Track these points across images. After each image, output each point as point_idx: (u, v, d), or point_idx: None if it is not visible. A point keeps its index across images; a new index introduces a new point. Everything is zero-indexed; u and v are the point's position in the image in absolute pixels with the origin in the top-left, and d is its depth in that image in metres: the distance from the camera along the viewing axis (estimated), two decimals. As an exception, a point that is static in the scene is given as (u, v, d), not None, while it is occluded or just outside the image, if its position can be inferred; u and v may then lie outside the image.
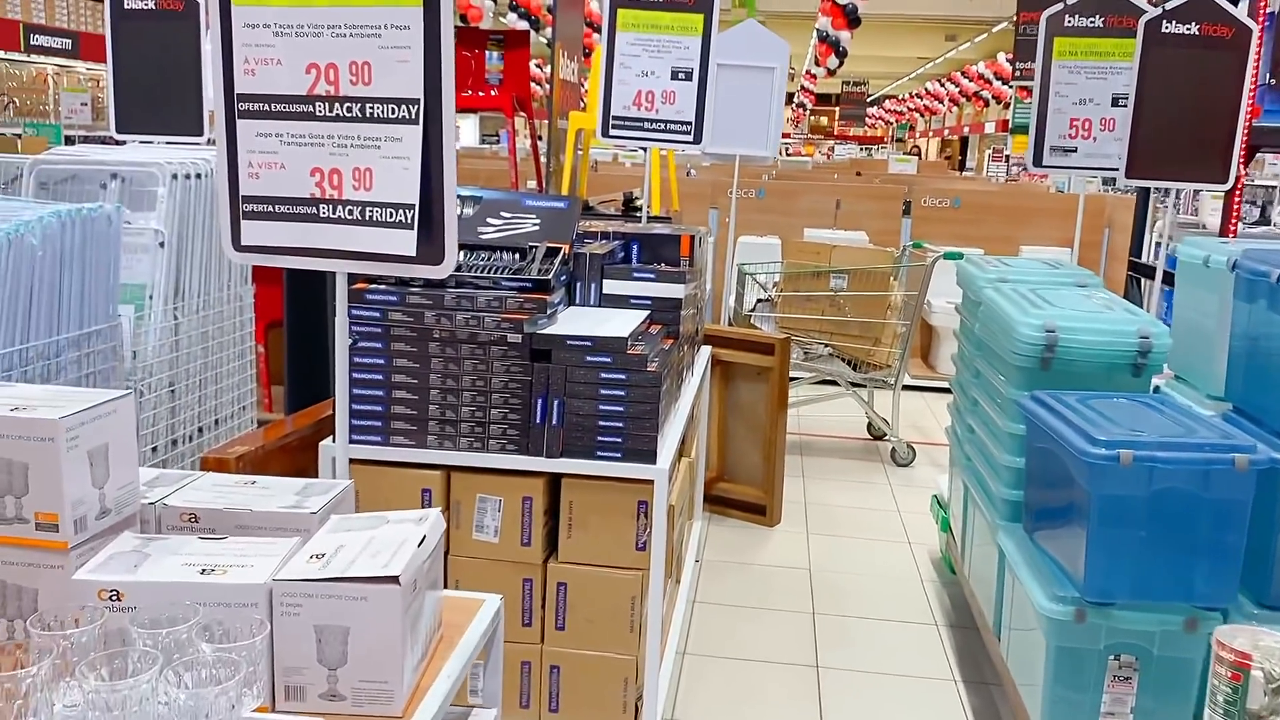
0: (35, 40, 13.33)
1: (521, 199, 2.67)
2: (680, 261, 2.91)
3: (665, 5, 3.60)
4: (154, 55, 3.68)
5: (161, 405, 3.45)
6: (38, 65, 14.20)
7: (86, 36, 14.64)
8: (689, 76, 3.61)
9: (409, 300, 2.23)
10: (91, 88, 13.97)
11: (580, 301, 2.60)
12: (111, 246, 3.11)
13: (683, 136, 3.66)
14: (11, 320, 2.80)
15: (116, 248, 3.13)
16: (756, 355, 4.04)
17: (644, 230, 2.97)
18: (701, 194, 7.22)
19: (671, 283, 2.57)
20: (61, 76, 14.54)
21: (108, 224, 3.09)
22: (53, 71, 14.49)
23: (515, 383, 2.23)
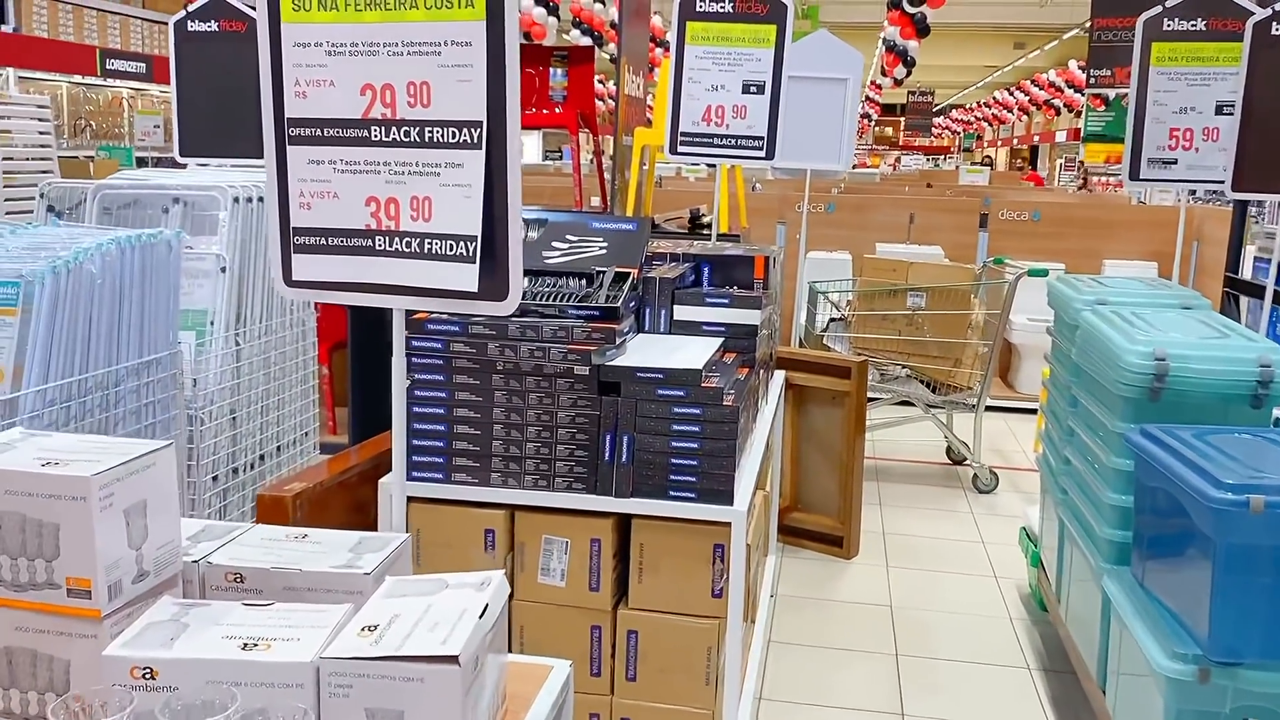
0: (111, 64, 13.62)
1: (589, 221, 2.55)
2: (754, 284, 2.77)
3: (736, 17, 3.47)
4: (217, 77, 3.64)
5: (223, 434, 3.38)
6: (113, 89, 14.53)
7: (160, 60, 14.95)
8: (761, 90, 3.47)
9: (471, 331, 2.12)
10: (164, 110, 14.22)
11: (650, 328, 2.47)
12: (171, 273, 3.05)
13: (754, 151, 3.52)
14: (70, 349, 2.74)
15: (176, 274, 3.07)
16: (832, 379, 3.87)
17: (715, 251, 2.83)
18: (768, 208, 7.06)
19: (746, 308, 2.42)
20: (136, 100, 14.84)
21: (168, 250, 3.03)
22: (128, 95, 14.81)
23: (583, 417, 2.10)
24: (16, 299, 2.64)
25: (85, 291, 2.77)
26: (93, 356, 2.82)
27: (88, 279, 2.77)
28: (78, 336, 2.76)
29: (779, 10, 3.40)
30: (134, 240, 2.90)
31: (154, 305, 2.98)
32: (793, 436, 4.02)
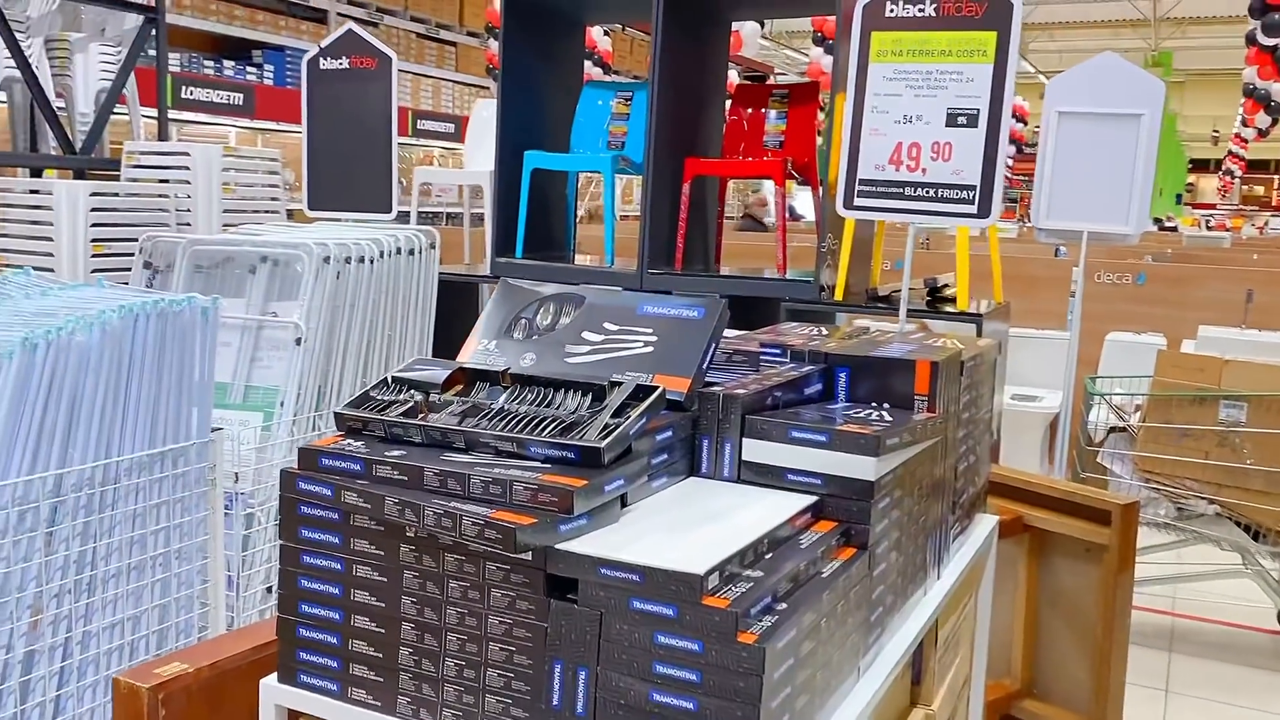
0: (422, 125, 14.31)
1: (638, 304, 1.74)
2: (913, 402, 1.83)
3: (941, 22, 2.53)
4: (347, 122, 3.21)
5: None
6: (425, 148, 15.28)
7: (468, 121, 15.58)
8: (973, 122, 2.50)
9: (376, 472, 1.37)
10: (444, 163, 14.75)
11: (707, 471, 1.61)
12: (204, 346, 2.52)
13: (962, 206, 2.54)
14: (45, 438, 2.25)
15: (210, 348, 2.53)
16: (1085, 524, 2.76)
17: (858, 350, 1.91)
18: (1063, 278, 5.83)
19: (855, 451, 1.50)
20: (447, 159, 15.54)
21: (200, 319, 2.50)
22: (439, 154, 15.54)
23: (522, 631, 1.29)
24: (-15, 375, 2.18)
25: (74, 368, 2.27)
26: (82, 447, 2.32)
27: (79, 352, 2.27)
28: (58, 422, 2.27)
29: (1002, 11, 2.42)
30: (149, 307, 2.39)
31: (175, 384, 2.46)
32: (1029, 597, 2.93)
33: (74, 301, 2.44)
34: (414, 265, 3.08)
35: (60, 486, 2.23)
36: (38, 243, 4.68)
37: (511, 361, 1.68)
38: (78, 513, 2.27)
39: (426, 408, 1.51)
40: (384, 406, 1.51)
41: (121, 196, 4.90)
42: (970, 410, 2.15)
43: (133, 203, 4.89)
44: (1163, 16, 24.67)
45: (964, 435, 2.12)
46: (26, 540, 2.20)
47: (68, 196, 4.58)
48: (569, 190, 4.60)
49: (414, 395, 1.54)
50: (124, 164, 5.14)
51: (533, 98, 4.38)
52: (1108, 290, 5.60)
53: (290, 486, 1.40)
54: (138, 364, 2.35)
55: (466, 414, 1.49)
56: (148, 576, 2.45)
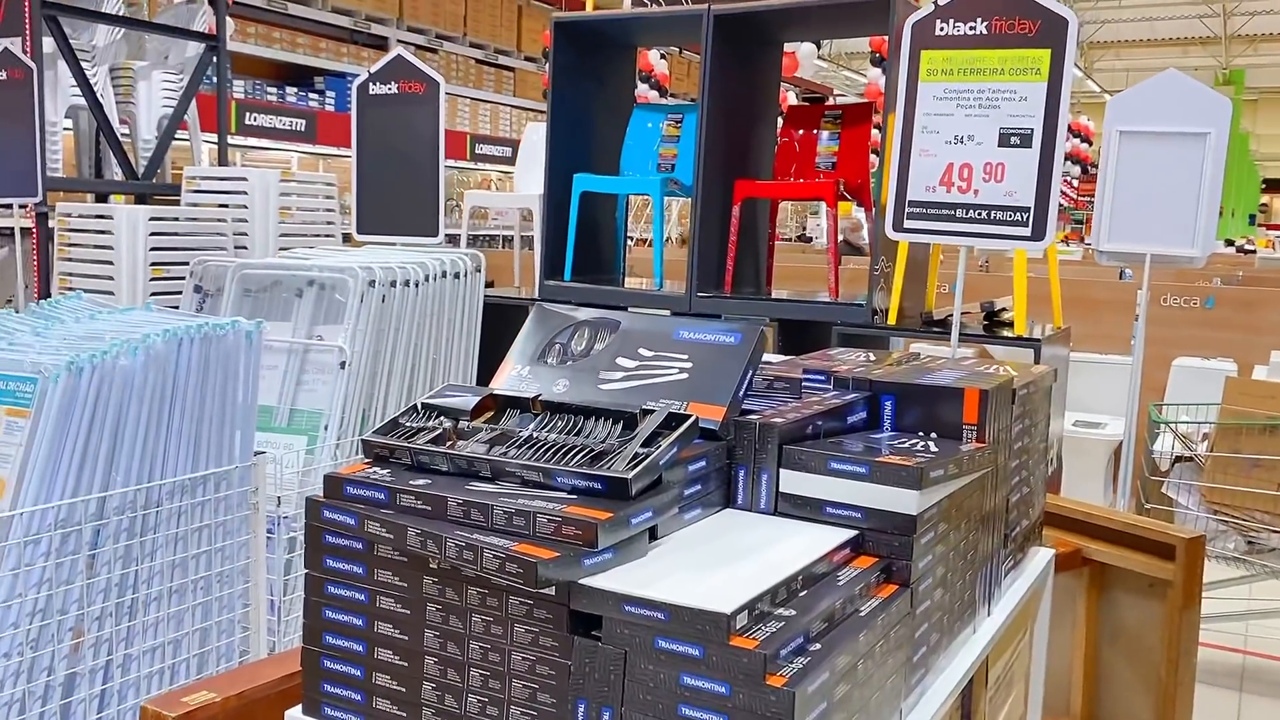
0: (480, 149, 14.45)
1: (675, 330, 1.69)
2: (961, 432, 1.76)
3: (993, 40, 2.46)
4: (395, 146, 3.22)
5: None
6: (483, 172, 15.43)
7: (521, 143, 15.65)
8: (1027, 142, 2.43)
9: (400, 502, 1.34)
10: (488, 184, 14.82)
11: (743, 502, 1.55)
12: (247, 370, 2.53)
13: (1015, 229, 2.46)
14: (89, 460, 2.26)
15: (253, 372, 2.54)
16: (1148, 559, 2.65)
17: (905, 377, 1.85)
18: (1126, 301, 5.68)
19: (896, 484, 1.44)
20: (504, 182, 15.67)
21: (244, 343, 2.51)
22: (496, 178, 15.68)
23: (546, 669, 1.25)
24: (31, 398, 2.21)
25: (118, 391, 2.28)
26: (124, 469, 2.33)
27: (123, 377, 2.29)
28: (102, 445, 2.28)
29: (1056, 28, 2.34)
30: (193, 331, 2.40)
31: (218, 408, 2.47)
32: (1089, 634, 2.82)
33: (120, 325, 2.46)
34: (459, 288, 3.07)
35: (103, 509, 2.24)
36: (99, 266, 4.78)
37: (544, 388, 1.65)
38: (120, 536, 2.28)
39: (455, 435, 1.48)
40: (412, 434, 1.49)
41: (180, 221, 4.99)
42: (1023, 439, 2.07)
43: (191, 227, 4.98)
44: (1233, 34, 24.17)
45: (1017, 465, 2.04)
46: (69, 563, 2.21)
47: (128, 221, 4.67)
48: (619, 213, 4.58)
49: (443, 422, 1.51)
50: (184, 189, 5.23)
51: (583, 120, 4.38)
52: (1175, 314, 5.44)
53: (315, 515, 1.38)
54: (181, 387, 2.36)
55: (495, 442, 1.46)
56: (189, 600, 2.45)
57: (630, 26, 4.21)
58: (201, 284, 3.13)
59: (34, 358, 2.21)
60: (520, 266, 5.07)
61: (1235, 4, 22.02)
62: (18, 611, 2.08)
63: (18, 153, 4.22)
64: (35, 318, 2.59)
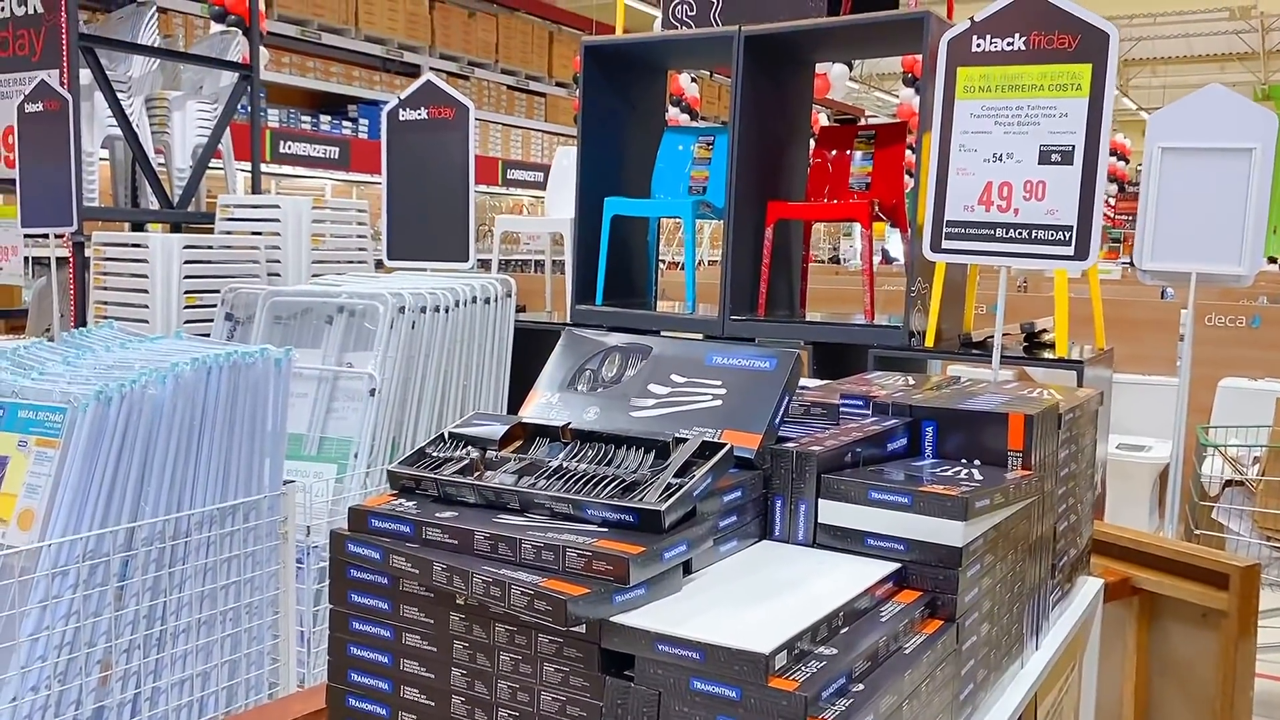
0: (511, 174, 14.52)
1: (707, 355, 1.65)
2: (1006, 459, 1.70)
3: (1032, 56, 2.40)
4: (425, 172, 3.20)
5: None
6: (515, 197, 15.49)
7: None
8: (1068, 158, 2.36)
9: (426, 535, 1.30)
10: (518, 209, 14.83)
11: (780, 534, 1.50)
12: (276, 398, 2.51)
13: (1057, 248, 2.40)
14: (118, 490, 2.24)
15: (282, 399, 2.52)
16: (1200, 588, 2.56)
17: (947, 402, 1.79)
18: (1169, 320, 5.57)
19: (940, 514, 1.38)
20: (536, 206, 15.72)
21: (273, 371, 2.49)
22: (528, 202, 15.74)
23: (577, 710, 1.20)
24: (60, 428, 2.20)
25: (146, 420, 2.27)
26: (154, 499, 2.31)
27: (152, 406, 2.27)
28: (130, 475, 2.26)
29: (1097, 42, 2.28)
30: (222, 359, 2.39)
31: (247, 437, 2.45)
32: (1139, 666, 2.73)
33: (150, 354, 2.45)
34: (490, 314, 3.05)
35: (132, 540, 2.22)
36: (134, 295, 4.80)
37: (574, 415, 1.60)
38: (149, 567, 2.26)
39: (482, 465, 1.44)
40: (438, 464, 1.45)
41: (214, 249, 5.01)
42: (1070, 465, 2.00)
43: (225, 255, 5.00)
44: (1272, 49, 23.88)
45: (1064, 493, 1.97)
46: (97, 594, 2.19)
47: (162, 249, 4.70)
48: (650, 236, 4.55)
49: (470, 452, 1.47)
50: (218, 217, 5.26)
51: (613, 144, 4.35)
52: (1220, 334, 5.32)
53: (340, 549, 1.35)
54: (210, 416, 2.34)
55: (523, 472, 1.41)
56: (218, 632, 2.42)
57: (660, 49, 4.19)
58: (233, 312, 3.12)
59: (63, 387, 2.20)
60: (552, 291, 5.05)
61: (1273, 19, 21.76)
62: (45, 645, 2.06)
63: (54, 183, 4.26)
64: (66, 347, 2.59)
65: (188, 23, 9.87)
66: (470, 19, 13.67)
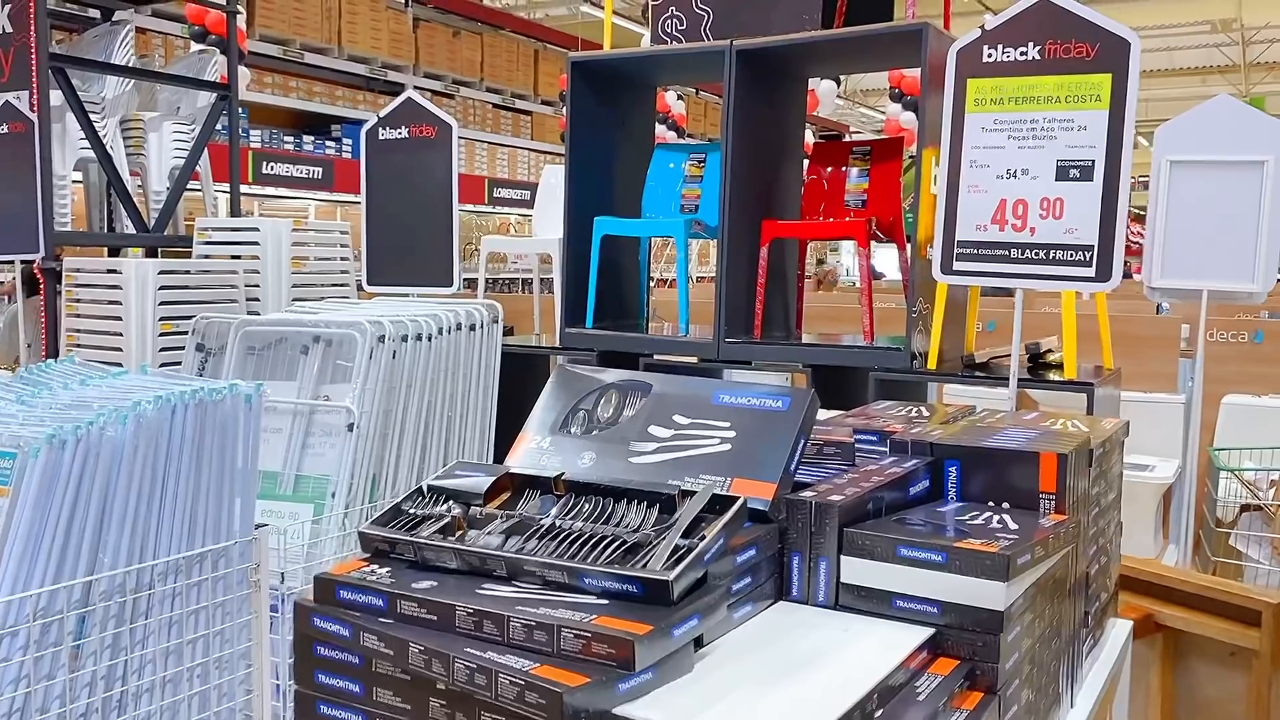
0: (498, 193, 14.38)
1: (713, 393, 1.50)
2: (1038, 501, 1.56)
3: (1047, 66, 2.27)
4: (407, 193, 3.06)
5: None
6: (501, 215, 15.35)
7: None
8: (1087, 174, 2.23)
9: (401, 609, 1.15)
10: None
11: (798, 594, 1.35)
12: (247, 437, 2.35)
13: (1078, 269, 2.26)
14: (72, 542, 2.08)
15: (254, 438, 2.36)
16: (1228, 625, 2.42)
17: (970, 440, 1.65)
18: (1168, 336, 5.45)
19: (978, 574, 1.24)
20: (523, 225, 15.58)
21: (243, 408, 2.33)
22: (515, 221, 15.60)
23: (575, 811, 1.04)
24: (10, 475, 2.04)
25: (105, 464, 2.10)
26: (113, 549, 2.15)
27: (111, 448, 2.11)
28: (87, 524, 2.10)
29: (1117, 50, 2.14)
30: (187, 396, 2.23)
31: (215, 479, 2.29)
32: (1164, 708, 2.58)
33: (111, 391, 2.29)
34: (475, 341, 2.90)
35: (88, 595, 2.05)
36: (108, 322, 4.63)
37: (568, 463, 1.46)
38: (107, 623, 2.09)
39: (465, 523, 1.29)
40: (415, 522, 1.30)
41: (191, 274, 4.85)
42: (1100, 503, 1.86)
43: (202, 280, 4.84)
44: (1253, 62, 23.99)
45: (1094, 533, 1.83)
46: (50, 656, 2.02)
47: (136, 275, 4.54)
48: (641, 256, 4.41)
49: (451, 508, 1.32)
50: (195, 241, 5.10)
51: (602, 162, 4.22)
52: (1221, 349, 5.20)
53: (305, 623, 1.19)
54: (175, 458, 2.18)
55: (512, 531, 1.27)
56: (185, 690, 2.25)
57: (650, 65, 4.06)
58: (204, 342, 2.97)
59: (14, 430, 2.04)
60: (540, 311, 4.90)
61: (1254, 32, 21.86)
62: (-8, 713, 1.90)
63: (20, 208, 4.10)
64: (23, 384, 2.43)
65: (167, 43, 9.72)
66: (455, 37, 13.55)
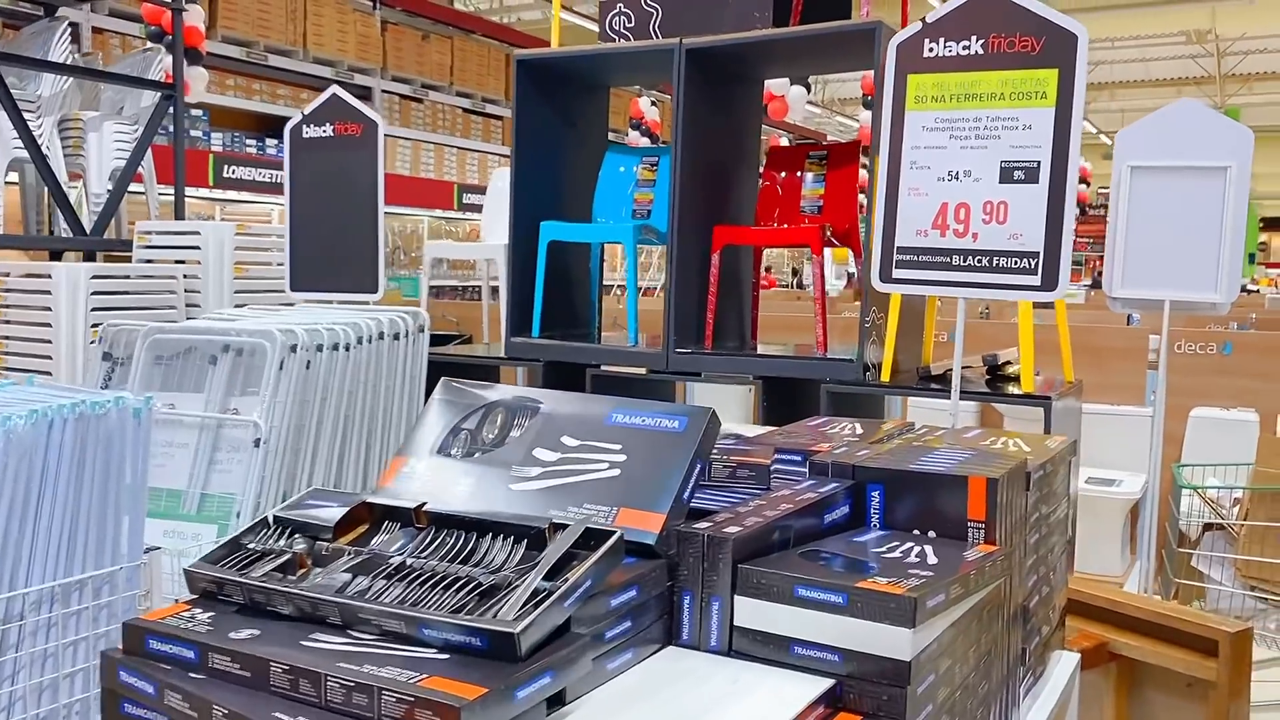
0: (467, 199, 14.20)
1: (608, 413, 1.36)
2: (966, 530, 1.43)
3: (989, 60, 2.14)
4: (332, 194, 2.91)
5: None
6: (471, 221, 15.17)
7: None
8: (1032, 176, 2.10)
9: (212, 663, 0.99)
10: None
11: (688, 638, 1.21)
12: (134, 455, 2.18)
13: (1022, 277, 2.13)
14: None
15: (141, 456, 2.20)
16: (1185, 654, 2.29)
17: (895, 463, 1.51)
18: (1137, 348, 5.35)
19: (881, 618, 1.09)
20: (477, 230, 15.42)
21: (130, 423, 2.17)
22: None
23: None
24: None
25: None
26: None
27: (-25, 467, 1.94)
28: (-51, 550, 1.93)
29: (1064, 44, 2.01)
30: (66, 410, 2.07)
31: (99, 499, 2.12)
32: (1118, 738, 2.45)
33: (-12, 406, 2.12)
34: (399, 351, 2.75)
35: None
36: (38, 329, 4.45)
37: (442, 489, 1.31)
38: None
39: (310, 561, 1.14)
40: (254, 559, 1.15)
41: (130, 279, 4.67)
42: (1041, 529, 1.73)
43: (139, 285, 4.66)
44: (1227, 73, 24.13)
45: (1034, 562, 1.70)
46: (-99, 695, 1.85)
47: (67, 279, 4.36)
48: (592, 262, 4.27)
49: (296, 543, 1.17)
50: (135, 244, 4.93)
51: (550, 165, 4.07)
52: (1190, 361, 5.10)
53: (111, 676, 1.04)
54: (51, 477, 2.02)
55: (360, 569, 1.12)
56: (61, 728, 2.08)
57: (597, 64, 3.92)
58: (111, 350, 2.80)
59: None
60: (489, 319, 4.75)
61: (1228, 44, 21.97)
62: None
63: (-62, 209, 3.91)
64: (-104, 397, 2.26)
65: (125, 43, 9.51)
66: (424, 41, 13.39)
